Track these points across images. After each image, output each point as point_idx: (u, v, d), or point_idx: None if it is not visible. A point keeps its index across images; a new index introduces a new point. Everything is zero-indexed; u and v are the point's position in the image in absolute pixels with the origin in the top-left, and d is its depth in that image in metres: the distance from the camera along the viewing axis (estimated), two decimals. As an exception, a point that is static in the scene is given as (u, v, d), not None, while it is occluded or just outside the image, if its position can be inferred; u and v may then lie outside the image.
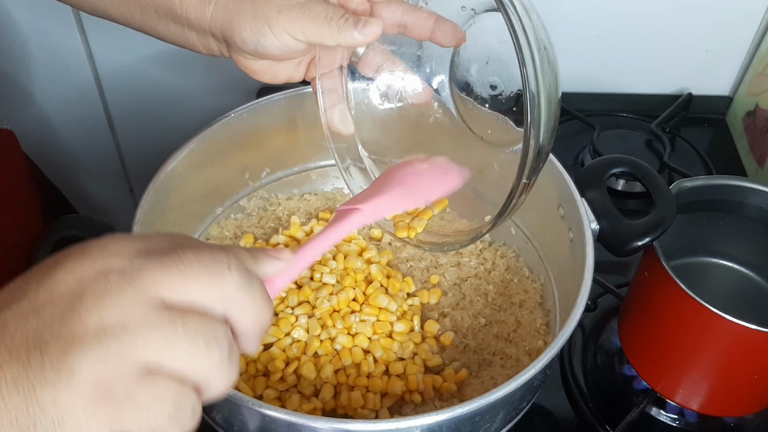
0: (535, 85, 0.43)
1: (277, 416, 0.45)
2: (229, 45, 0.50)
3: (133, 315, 0.30)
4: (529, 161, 0.45)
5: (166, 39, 0.53)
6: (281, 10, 0.47)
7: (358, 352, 0.60)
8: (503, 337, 0.63)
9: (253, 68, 0.52)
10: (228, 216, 0.70)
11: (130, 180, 1.09)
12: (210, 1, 0.49)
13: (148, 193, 0.57)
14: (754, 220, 0.63)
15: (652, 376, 0.64)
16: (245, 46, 0.49)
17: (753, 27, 0.89)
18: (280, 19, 0.47)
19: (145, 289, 0.30)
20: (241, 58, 0.51)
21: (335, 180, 0.74)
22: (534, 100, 0.43)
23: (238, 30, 0.48)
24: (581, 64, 0.93)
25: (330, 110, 0.56)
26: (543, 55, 0.44)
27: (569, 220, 0.59)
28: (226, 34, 0.49)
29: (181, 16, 0.50)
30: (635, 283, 0.65)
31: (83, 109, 0.98)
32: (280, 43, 0.48)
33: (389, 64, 0.55)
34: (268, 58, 0.50)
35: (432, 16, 0.51)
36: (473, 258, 0.69)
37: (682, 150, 0.91)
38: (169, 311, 0.30)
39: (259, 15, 0.47)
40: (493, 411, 0.49)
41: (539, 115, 0.44)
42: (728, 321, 0.53)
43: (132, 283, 0.30)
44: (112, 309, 0.30)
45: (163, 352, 0.30)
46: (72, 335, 0.29)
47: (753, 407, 0.63)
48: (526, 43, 0.43)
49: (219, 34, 0.49)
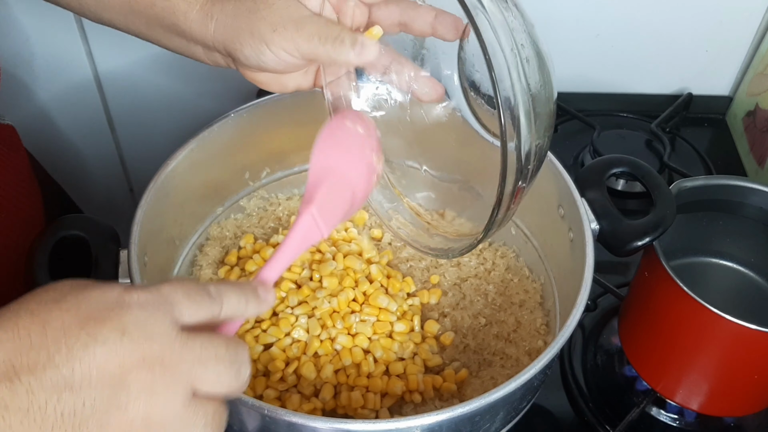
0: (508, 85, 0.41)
1: (277, 416, 0.45)
2: (233, 59, 0.50)
3: (173, 411, 0.32)
4: (509, 167, 0.43)
5: (172, 50, 0.53)
6: (275, 28, 0.46)
7: (358, 352, 0.60)
8: (503, 337, 0.63)
9: (260, 80, 0.52)
10: (228, 216, 0.70)
11: (130, 180, 1.09)
12: (212, 18, 0.48)
13: (148, 193, 0.57)
14: (754, 220, 0.63)
15: (652, 376, 0.64)
16: (248, 62, 0.49)
17: (753, 27, 0.89)
18: (275, 37, 0.46)
19: (185, 384, 0.32)
20: (247, 71, 0.51)
21: (335, 180, 0.74)
22: (509, 102, 0.41)
23: (239, 47, 0.48)
24: (581, 64, 0.93)
25: None
26: (516, 54, 0.42)
27: (569, 220, 0.59)
28: (229, 50, 0.49)
29: (185, 31, 0.50)
30: (635, 283, 0.65)
31: (83, 109, 0.98)
32: (279, 60, 0.48)
33: (396, 64, 0.53)
34: (271, 72, 0.50)
35: (432, 11, 0.50)
36: (473, 258, 0.69)
37: (682, 150, 0.91)
38: (196, 403, 0.33)
39: (256, 33, 0.47)
40: (493, 411, 0.49)
41: (518, 115, 0.42)
42: (728, 321, 0.53)
43: (174, 377, 0.32)
44: (158, 405, 0.31)
45: None
46: (119, 428, 0.30)
47: (753, 407, 0.63)
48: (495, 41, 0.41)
49: (222, 50, 0.49)
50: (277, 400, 0.58)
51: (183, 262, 0.65)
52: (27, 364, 0.29)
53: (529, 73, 0.43)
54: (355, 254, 0.66)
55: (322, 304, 0.61)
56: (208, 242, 0.68)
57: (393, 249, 0.69)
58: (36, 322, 0.31)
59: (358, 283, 0.63)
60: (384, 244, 0.70)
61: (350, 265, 0.65)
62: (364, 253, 0.67)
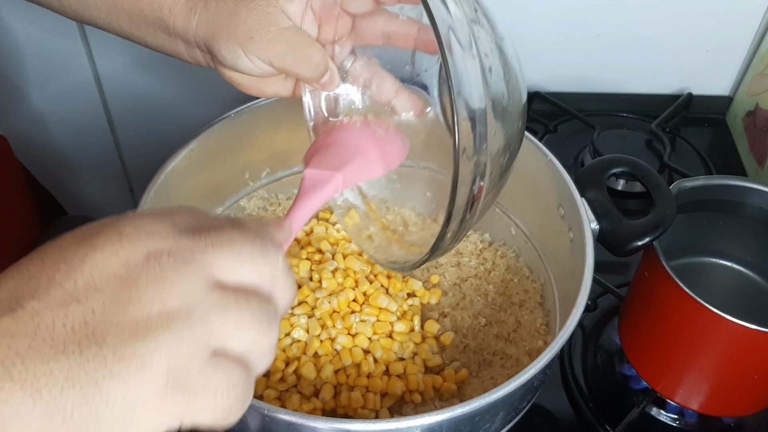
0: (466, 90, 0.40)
1: (277, 416, 0.45)
2: (212, 57, 0.50)
3: (196, 298, 0.29)
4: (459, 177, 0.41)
5: (153, 48, 0.53)
6: (252, 35, 0.46)
7: (358, 353, 0.60)
8: (503, 337, 0.63)
9: (237, 81, 0.51)
10: (228, 216, 0.70)
11: (130, 180, 1.09)
12: (195, 13, 0.48)
13: (148, 193, 0.57)
14: (754, 220, 0.63)
15: (652, 376, 0.64)
16: (225, 62, 0.48)
17: (753, 27, 0.89)
18: (251, 44, 0.46)
19: (201, 271, 0.30)
20: (226, 71, 0.50)
21: (335, 180, 0.74)
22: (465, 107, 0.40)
23: (217, 46, 0.47)
24: (581, 64, 0.93)
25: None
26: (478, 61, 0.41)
27: (569, 220, 0.59)
28: (209, 47, 0.48)
29: (169, 26, 0.49)
30: (635, 283, 0.65)
31: (83, 109, 0.98)
32: (254, 66, 0.47)
33: (377, 77, 0.52)
34: (248, 75, 0.49)
35: (414, 24, 0.50)
36: (473, 258, 0.69)
37: (682, 150, 0.91)
38: (228, 291, 0.30)
39: (233, 36, 0.46)
40: (493, 411, 0.49)
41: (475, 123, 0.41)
42: (728, 321, 0.53)
43: (187, 264, 0.29)
44: (173, 293, 0.29)
45: (232, 334, 0.30)
46: (135, 324, 0.28)
47: (753, 407, 0.63)
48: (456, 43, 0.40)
49: (203, 46, 0.49)
50: (277, 400, 0.58)
51: (183, 262, 0.65)
52: (28, 291, 0.28)
53: (492, 81, 0.42)
54: (356, 254, 0.66)
55: (322, 304, 0.61)
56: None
57: (393, 249, 0.69)
58: (35, 257, 0.30)
59: (358, 283, 0.63)
60: (384, 244, 0.70)
61: (350, 265, 0.65)
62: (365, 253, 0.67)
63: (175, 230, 0.31)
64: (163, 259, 0.29)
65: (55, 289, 0.28)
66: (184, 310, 0.29)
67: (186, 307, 0.29)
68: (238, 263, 0.31)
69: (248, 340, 0.30)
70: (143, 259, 0.29)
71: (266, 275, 0.32)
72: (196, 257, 0.30)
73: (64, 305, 0.28)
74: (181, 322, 0.28)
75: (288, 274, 0.33)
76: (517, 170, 0.65)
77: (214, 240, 0.31)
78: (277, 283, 0.32)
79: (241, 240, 0.31)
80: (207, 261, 0.30)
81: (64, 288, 0.28)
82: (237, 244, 0.31)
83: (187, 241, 0.30)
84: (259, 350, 0.31)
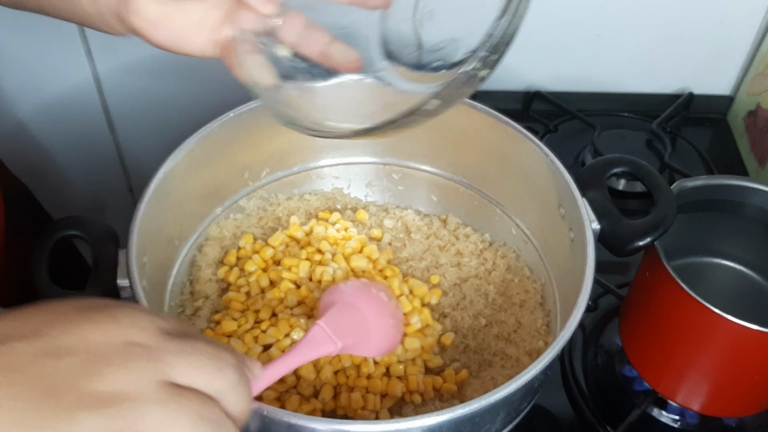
0: None
1: (276, 417, 0.45)
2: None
3: (145, 388, 0.33)
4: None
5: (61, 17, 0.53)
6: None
7: (358, 353, 0.60)
8: (504, 337, 0.63)
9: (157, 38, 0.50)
10: (228, 216, 0.70)
11: (130, 180, 1.09)
12: None
13: (148, 193, 0.57)
14: (755, 220, 0.63)
15: (653, 377, 0.64)
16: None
17: (754, 26, 0.89)
18: None
19: (160, 368, 0.34)
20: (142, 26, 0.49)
21: (335, 180, 0.73)
22: None
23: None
24: (581, 64, 0.93)
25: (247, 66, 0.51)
26: None
27: (570, 220, 0.59)
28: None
29: None
30: (636, 283, 0.64)
31: (83, 109, 0.98)
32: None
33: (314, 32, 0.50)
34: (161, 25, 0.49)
35: None
36: (473, 258, 0.69)
37: (682, 150, 0.91)
38: (174, 390, 0.34)
39: None
40: (494, 412, 0.49)
41: None
42: (729, 321, 0.53)
43: (152, 360, 0.34)
44: (130, 379, 0.33)
45: (162, 428, 0.33)
46: (90, 393, 0.32)
47: (754, 408, 0.63)
48: None
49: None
50: (277, 400, 0.58)
51: (182, 262, 0.65)
52: (19, 334, 0.33)
53: None
54: (357, 253, 0.66)
55: (322, 305, 0.61)
56: (208, 242, 0.68)
57: (393, 249, 0.69)
58: (41, 308, 0.35)
59: (359, 283, 0.63)
60: (384, 244, 0.69)
61: (357, 265, 0.64)
62: (365, 250, 0.67)
63: (157, 330, 0.35)
64: (137, 350, 0.34)
65: (42, 341, 0.33)
66: (131, 396, 0.33)
67: (134, 393, 0.33)
68: (192, 371, 0.35)
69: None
70: (122, 344, 0.34)
71: (214, 386, 0.36)
72: (162, 357, 0.34)
73: (44, 355, 0.32)
74: (124, 403, 0.32)
75: (240, 392, 0.37)
76: (518, 170, 0.65)
77: (182, 347, 0.35)
78: (223, 395, 0.36)
79: (204, 353, 0.36)
80: (168, 361, 0.34)
81: (48, 342, 0.33)
82: (199, 355, 0.35)
83: (162, 341, 0.35)
84: None
